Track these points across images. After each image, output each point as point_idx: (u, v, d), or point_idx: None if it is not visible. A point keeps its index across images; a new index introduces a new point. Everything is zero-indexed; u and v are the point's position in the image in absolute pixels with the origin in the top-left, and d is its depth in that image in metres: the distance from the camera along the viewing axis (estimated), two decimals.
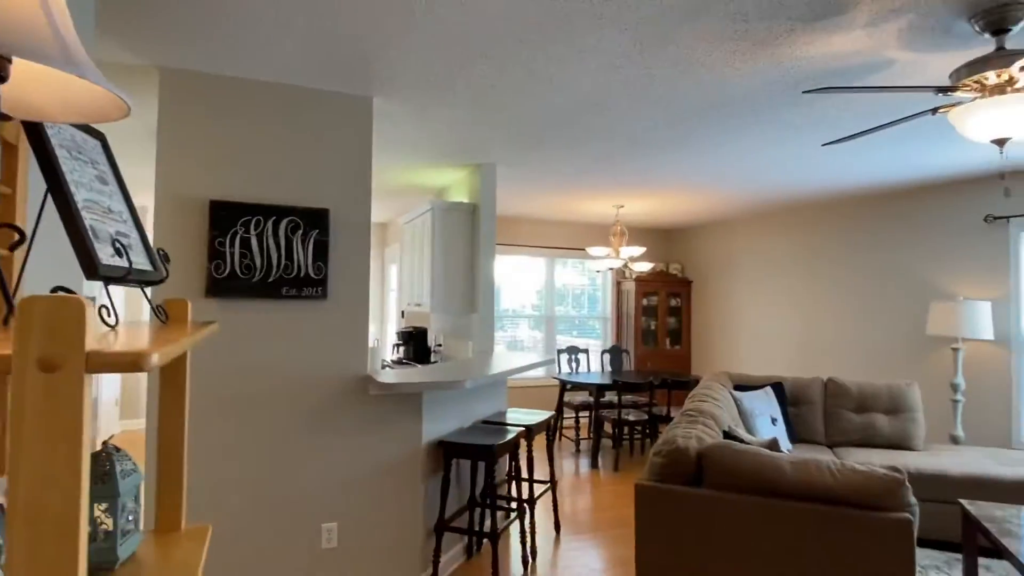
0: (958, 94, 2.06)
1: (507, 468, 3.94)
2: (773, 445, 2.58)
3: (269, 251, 2.74)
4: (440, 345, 5.09)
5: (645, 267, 6.14)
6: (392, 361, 5.20)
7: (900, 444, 4.13)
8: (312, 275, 2.81)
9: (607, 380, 5.59)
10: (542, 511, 4.19)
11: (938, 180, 4.71)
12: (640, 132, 3.53)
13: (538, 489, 4.51)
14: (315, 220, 2.82)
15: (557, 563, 3.38)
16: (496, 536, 2.93)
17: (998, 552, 3.12)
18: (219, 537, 2.62)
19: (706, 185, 5.05)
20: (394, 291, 7.46)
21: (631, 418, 5.48)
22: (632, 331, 7.47)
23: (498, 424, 3.48)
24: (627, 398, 6.22)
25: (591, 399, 5.88)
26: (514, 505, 3.98)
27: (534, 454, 5.59)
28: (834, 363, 5.74)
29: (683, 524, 2.17)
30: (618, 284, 7.81)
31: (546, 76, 2.68)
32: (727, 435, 2.78)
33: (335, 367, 2.85)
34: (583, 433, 6.93)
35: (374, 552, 2.88)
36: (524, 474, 4.50)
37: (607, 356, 7.07)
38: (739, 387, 4.44)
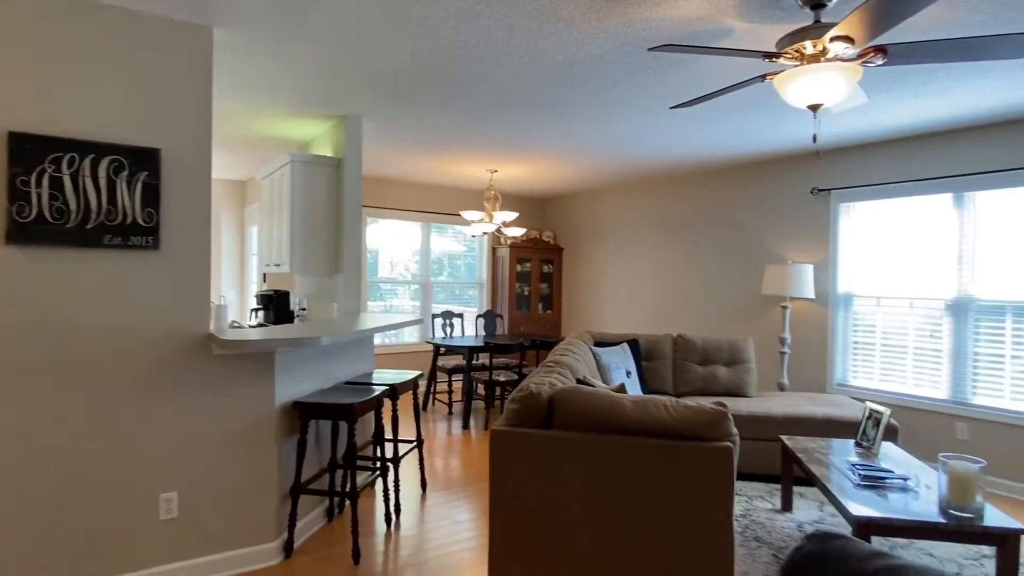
0: (781, 61, 2.25)
1: (373, 429, 3.87)
2: (620, 390, 2.73)
3: (87, 194, 2.42)
4: (304, 309, 4.84)
5: (518, 232, 6.24)
6: (250, 326, 4.87)
7: (737, 392, 4.59)
8: (141, 223, 2.52)
9: (480, 344, 5.66)
10: (410, 471, 4.18)
11: (772, 155, 5.20)
12: (506, 90, 3.53)
13: (405, 450, 4.48)
14: (143, 160, 2.52)
15: (423, 518, 3.39)
16: (356, 496, 2.87)
17: (809, 480, 3.58)
18: (36, 515, 2.32)
19: (573, 153, 5.19)
20: (255, 255, 6.98)
21: (502, 379, 5.60)
22: (507, 297, 7.60)
23: (362, 385, 3.39)
24: (499, 360, 6.35)
25: (465, 363, 5.92)
26: (378, 465, 3.93)
27: (402, 415, 5.55)
28: (684, 321, 6.24)
29: (535, 464, 2.25)
30: (493, 251, 7.88)
31: (404, 18, 2.58)
32: (580, 383, 2.91)
33: (171, 325, 2.59)
34: (457, 396, 6.99)
35: (221, 520, 2.71)
36: (389, 435, 4.44)
37: (482, 321, 7.15)
38: (599, 344, 4.68)
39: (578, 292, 7.73)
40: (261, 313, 5.00)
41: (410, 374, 3.68)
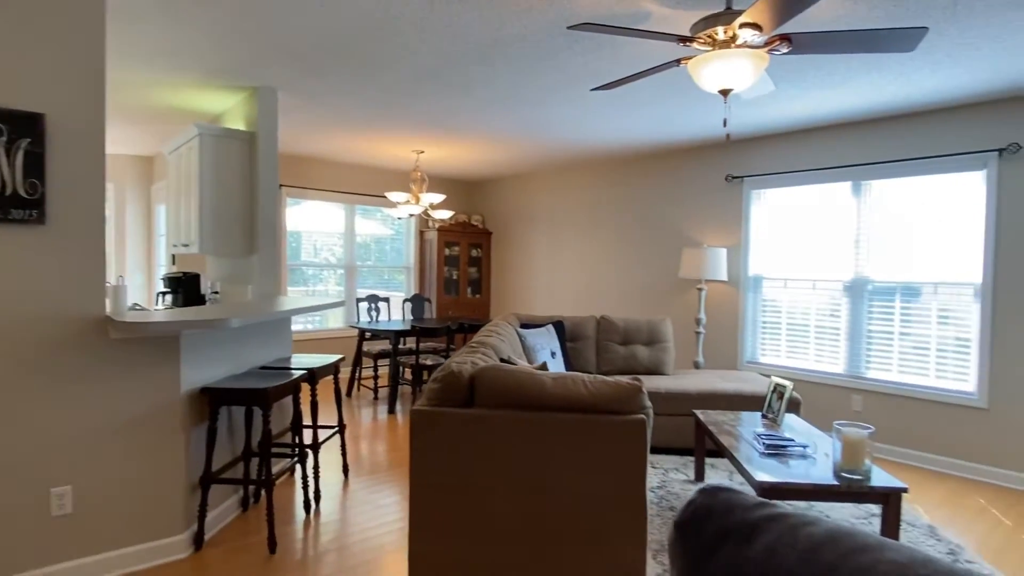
0: (695, 46, 2.32)
1: (292, 416, 3.74)
2: (542, 368, 2.77)
3: None
4: (217, 292, 4.60)
5: (446, 215, 6.17)
6: (156, 310, 4.57)
7: (656, 370, 4.76)
8: (23, 194, 2.30)
9: (407, 328, 5.58)
10: (331, 457, 4.08)
11: (691, 143, 5.39)
12: (429, 68, 3.46)
13: (326, 435, 4.36)
14: (24, 126, 2.29)
15: (345, 503, 3.32)
16: (271, 484, 2.77)
17: (721, 452, 3.77)
18: None
19: (500, 136, 5.18)
20: (163, 235, 6.55)
21: (429, 363, 5.56)
22: (435, 281, 7.53)
23: (278, 369, 3.26)
24: (426, 344, 6.29)
25: (391, 347, 5.83)
26: (297, 453, 3.81)
27: (324, 401, 5.41)
28: (608, 303, 6.40)
29: (456, 442, 2.24)
30: (421, 234, 7.77)
31: None
32: (504, 363, 2.92)
33: (60, 307, 2.39)
34: (383, 382, 6.88)
35: (124, 514, 2.54)
36: (310, 421, 4.31)
37: (409, 305, 7.05)
38: (525, 326, 4.72)
39: (507, 276, 7.76)
40: (169, 297, 4.71)
41: (330, 358, 3.58)
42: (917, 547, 2.89)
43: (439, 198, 5.78)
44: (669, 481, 3.70)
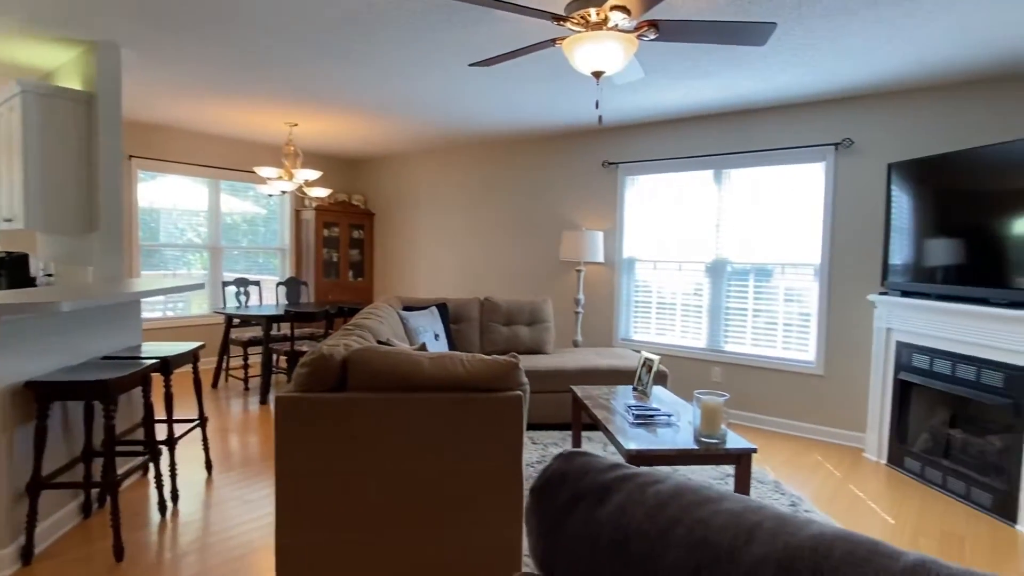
0: (569, 26, 2.34)
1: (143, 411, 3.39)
2: (421, 349, 2.71)
3: None
4: (50, 274, 4.04)
5: (323, 193, 5.86)
6: None
7: (537, 349, 4.86)
8: None
9: (280, 313, 5.25)
10: (192, 452, 3.76)
11: (572, 129, 5.53)
12: (299, 30, 3.22)
13: (185, 430, 4.02)
14: None
15: (208, 502, 3.07)
16: (115, 486, 2.49)
17: (596, 425, 3.92)
18: None
19: (380, 111, 4.99)
20: None
21: (305, 349, 5.28)
22: (313, 263, 7.16)
23: (125, 359, 2.93)
24: (303, 330, 5.98)
25: (263, 334, 5.47)
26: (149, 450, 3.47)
27: (184, 392, 4.98)
28: (493, 284, 6.45)
29: (327, 429, 2.14)
30: (297, 214, 7.34)
31: None
32: (382, 344, 2.83)
33: None
34: (256, 371, 6.46)
35: None
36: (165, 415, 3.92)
37: (283, 289, 6.66)
38: (408, 308, 4.63)
39: (391, 258, 7.56)
40: None
41: (188, 346, 3.27)
42: (763, 500, 3.21)
43: (315, 175, 5.48)
44: (548, 456, 3.81)
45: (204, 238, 6.54)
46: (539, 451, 3.89)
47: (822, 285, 4.41)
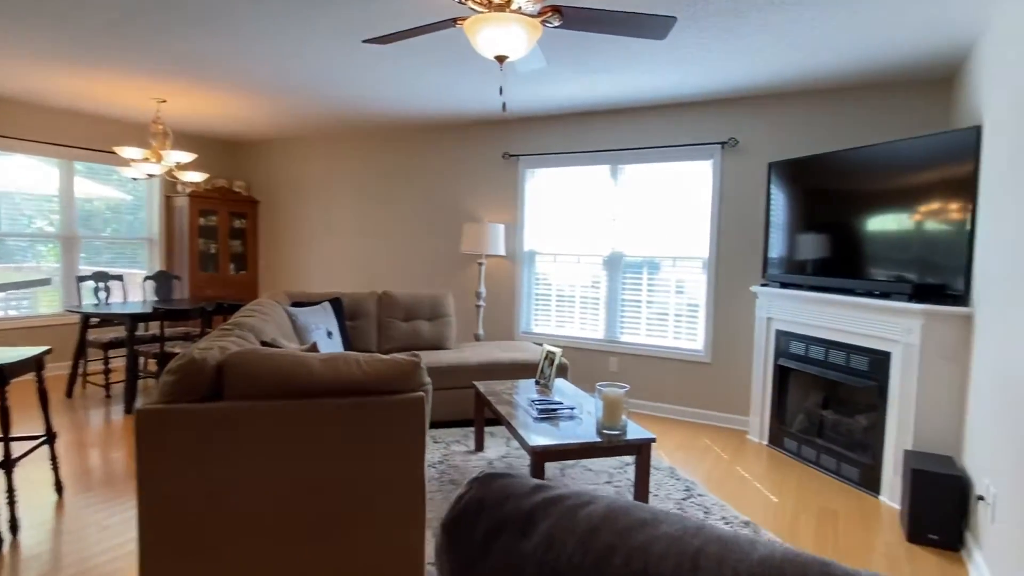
0: (471, 6, 2.22)
1: None
2: (312, 349, 2.50)
3: None
4: None
5: (198, 178, 5.33)
6: None
7: (438, 345, 4.72)
8: None
9: (147, 310, 4.71)
10: (39, 474, 3.26)
11: (474, 119, 5.41)
12: None
13: (27, 448, 3.48)
14: None
15: (58, 529, 2.66)
16: None
17: (499, 420, 3.86)
18: None
19: (266, 89, 4.59)
20: None
21: (178, 351, 4.78)
22: (187, 255, 6.52)
23: None
24: (176, 330, 5.42)
25: (127, 334, 4.87)
26: None
27: (26, 405, 4.33)
28: (392, 278, 6.21)
29: (200, 444, 1.88)
30: (168, 200, 6.65)
31: None
32: (266, 345, 2.57)
33: None
34: (119, 375, 5.78)
35: None
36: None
37: (152, 284, 6.01)
38: (298, 304, 4.31)
39: (279, 250, 7.06)
40: None
41: (29, 351, 2.81)
42: (664, 487, 3.31)
43: (187, 157, 4.96)
44: (451, 454, 3.70)
45: (57, 226, 5.74)
46: (441, 450, 3.77)
47: (709, 277, 4.63)
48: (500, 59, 2.28)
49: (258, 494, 1.94)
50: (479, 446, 3.79)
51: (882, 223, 3.41)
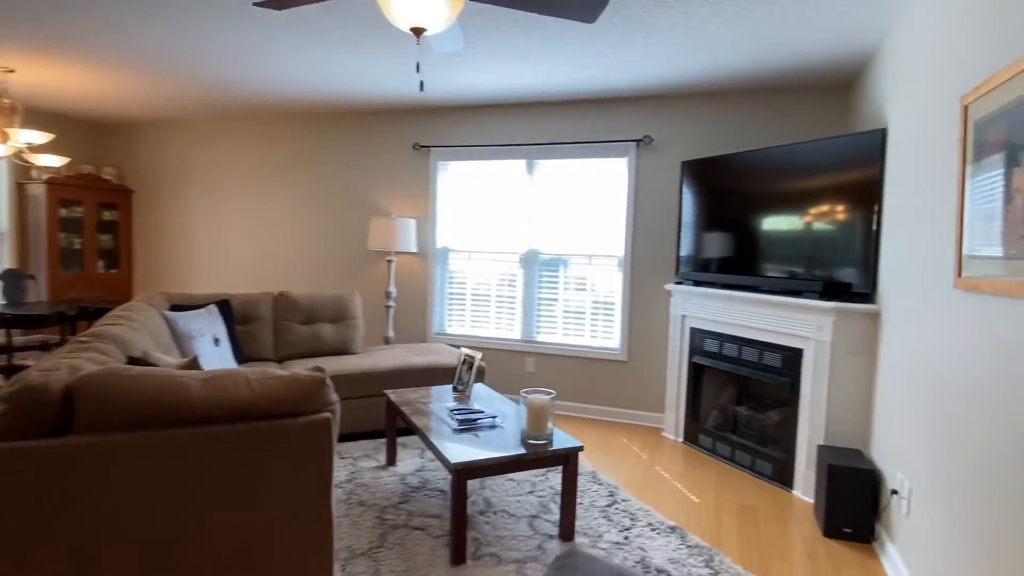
0: None
1: None
2: (192, 365, 2.12)
3: None
4: None
5: (57, 162, 4.59)
6: None
7: (343, 349, 4.35)
8: None
9: None
10: None
11: (381, 106, 5.06)
12: None
13: None
14: None
15: None
16: None
17: (412, 430, 3.59)
18: None
19: (144, 64, 3.99)
20: None
21: (31, 364, 4.08)
22: (44, 251, 5.66)
23: None
24: (30, 338, 4.65)
25: None
26: None
27: None
28: (291, 277, 5.72)
29: (41, 491, 1.49)
30: (20, 187, 5.73)
31: None
32: (135, 361, 2.16)
33: None
34: None
35: None
36: None
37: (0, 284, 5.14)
38: (178, 307, 3.80)
39: (158, 246, 6.31)
40: None
41: None
42: (588, 493, 3.18)
43: (41, 138, 4.24)
44: (359, 471, 3.38)
45: None
46: (348, 467, 3.44)
47: (625, 275, 4.60)
48: (417, 32, 2.02)
49: (124, 544, 1.57)
50: (391, 460, 3.49)
51: (792, 223, 3.48)
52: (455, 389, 3.51)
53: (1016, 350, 1.55)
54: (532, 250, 4.89)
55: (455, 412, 3.00)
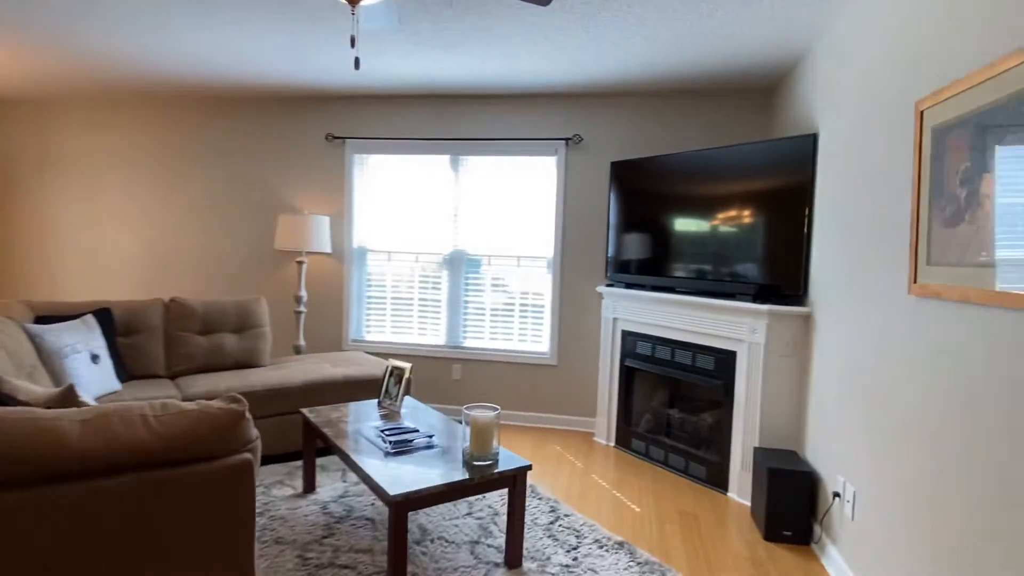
0: None
1: None
2: (67, 396, 1.71)
3: None
4: None
5: None
6: None
7: (248, 362, 3.90)
8: None
9: None
10: None
11: (291, 92, 4.60)
12: None
13: None
14: None
15: None
16: None
17: (331, 449, 3.26)
18: None
19: None
20: None
21: None
22: None
23: None
24: None
25: None
26: None
27: None
28: (184, 281, 5.10)
29: None
30: None
31: None
32: None
33: None
34: None
35: None
36: None
37: None
38: (45, 319, 3.21)
39: (19, 245, 5.42)
40: None
41: None
42: (529, 510, 3.00)
43: None
44: (272, 501, 3.00)
45: None
46: (261, 497, 3.04)
47: (555, 277, 4.47)
48: (352, 1, 1.74)
49: None
50: (309, 486, 3.14)
51: (723, 226, 3.49)
52: (381, 404, 3.21)
53: (977, 356, 1.54)
54: (458, 251, 4.64)
55: (386, 432, 2.72)
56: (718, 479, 3.42)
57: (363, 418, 2.99)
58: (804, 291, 3.13)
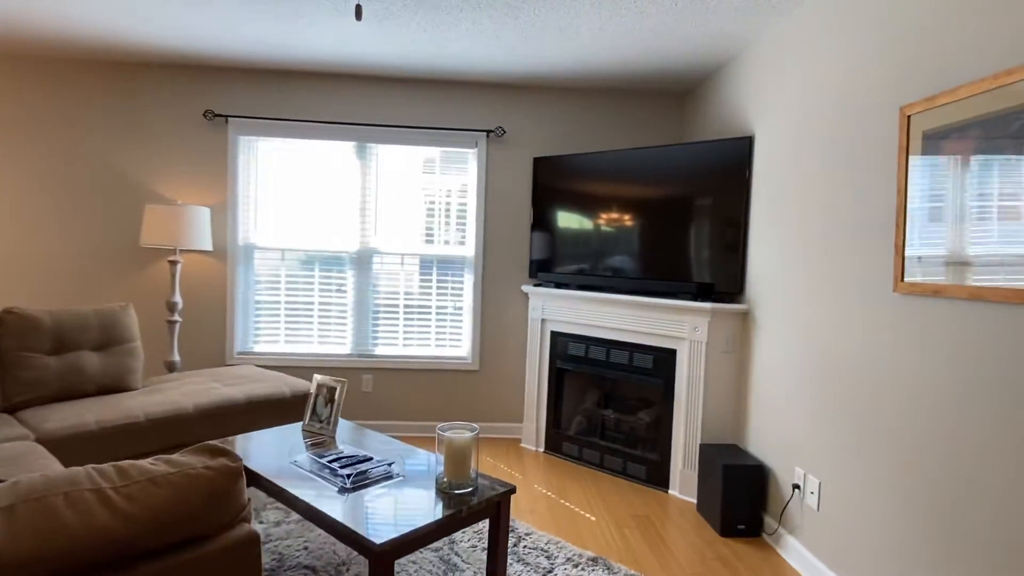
0: None
1: None
2: None
3: None
4: None
5: None
6: None
7: (116, 386, 3.16)
8: None
9: None
10: None
11: (159, 57, 3.83)
12: None
13: None
14: None
15: None
16: None
17: (273, 494, 2.73)
18: None
19: None
20: None
21: None
22: None
23: None
24: None
25: None
26: None
27: None
28: (25, 287, 4.03)
29: None
30: None
31: None
32: None
33: None
34: None
35: None
36: None
37: None
38: None
39: None
40: None
41: None
42: (482, 534, 2.74)
43: None
44: None
45: None
46: None
47: (476, 277, 4.23)
48: None
49: None
50: None
51: (660, 225, 3.50)
52: (307, 430, 2.75)
53: (967, 353, 1.61)
54: (367, 248, 4.20)
55: (334, 463, 2.31)
56: (659, 478, 3.43)
57: (293, 448, 2.53)
58: (740, 289, 3.23)
